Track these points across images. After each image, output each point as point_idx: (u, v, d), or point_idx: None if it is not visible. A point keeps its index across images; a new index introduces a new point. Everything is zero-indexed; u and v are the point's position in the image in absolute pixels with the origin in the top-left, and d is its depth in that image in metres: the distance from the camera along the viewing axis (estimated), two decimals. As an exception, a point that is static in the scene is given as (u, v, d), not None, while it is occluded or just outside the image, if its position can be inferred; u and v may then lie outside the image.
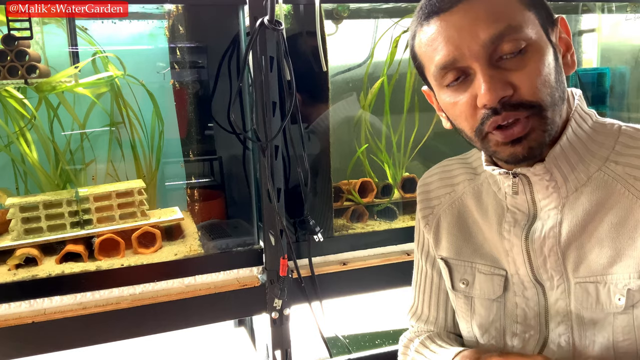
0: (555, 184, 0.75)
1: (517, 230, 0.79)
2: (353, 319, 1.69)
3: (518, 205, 0.80)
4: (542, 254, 0.77)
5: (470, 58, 0.69)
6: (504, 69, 0.68)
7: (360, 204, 1.54)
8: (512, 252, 0.80)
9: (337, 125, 1.48)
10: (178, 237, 1.39)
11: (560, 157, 0.74)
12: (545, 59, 0.70)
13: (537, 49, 0.69)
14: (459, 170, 0.91)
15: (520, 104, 0.68)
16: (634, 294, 0.70)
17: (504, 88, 0.67)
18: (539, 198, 0.77)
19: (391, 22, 1.50)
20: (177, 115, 1.50)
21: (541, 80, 0.69)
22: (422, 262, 0.96)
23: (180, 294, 1.22)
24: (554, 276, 0.77)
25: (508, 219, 0.81)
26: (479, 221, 0.86)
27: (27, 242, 1.24)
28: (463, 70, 0.71)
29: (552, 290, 0.77)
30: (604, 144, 0.75)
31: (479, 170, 0.89)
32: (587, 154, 0.75)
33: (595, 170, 0.74)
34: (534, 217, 0.78)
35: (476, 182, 0.88)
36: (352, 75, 1.60)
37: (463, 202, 0.88)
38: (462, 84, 0.71)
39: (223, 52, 1.37)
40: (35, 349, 1.14)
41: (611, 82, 1.76)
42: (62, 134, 1.42)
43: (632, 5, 1.70)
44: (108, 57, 1.41)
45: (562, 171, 0.74)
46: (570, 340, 0.76)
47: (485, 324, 0.84)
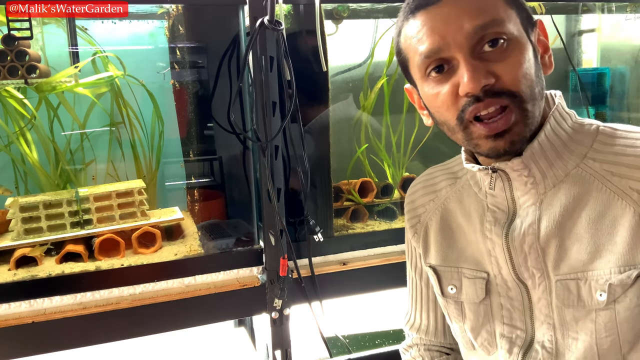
0: (534, 180, 0.76)
1: (498, 229, 0.80)
2: (353, 319, 1.69)
3: (498, 203, 0.81)
4: (522, 252, 0.77)
5: (454, 48, 0.70)
6: (486, 60, 0.70)
7: (360, 204, 1.54)
8: (494, 251, 0.80)
9: (336, 126, 1.48)
10: (178, 237, 1.39)
11: (538, 153, 0.74)
12: (526, 54, 0.71)
13: (518, 43, 0.71)
14: (441, 177, 0.92)
15: (502, 92, 0.70)
16: (615, 288, 0.71)
17: (487, 76, 0.69)
18: (518, 195, 0.78)
19: (391, 22, 1.50)
20: (177, 115, 1.50)
21: (522, 72, 0.70)
22: (412, 273, 0.98)
23: (180, 294, 1.22)
24: (535, 274, 0.77)
25: (489, 218, 0.81)
26: (462, 224, 0.86)
27: (27, 242, 1.25)
28: (447, 61, 0.72)
29: (534, 289, 0.78)
30: (582, 142, 0.76)
31: (459, 174, 0.90)
32: (565, 151, 0.75)
33: (573, 167, 0.75)
34: (513, 214, 0.79)
35: (457, 186, 0.89)
36: (352, 75, 1.60)
37: (446, 207, 0.89)
38: (445, 75, 0.73)
39: (223, 52, 1.37)
40: (35, 349, 1.14)
41: (611, 82, 1.76)
42: (62, 134, 1.42)
43: (632, 5, 1.70)
44: (108, 57, 1.41)
45: (540, 167, 0.75)
46: (553, 339, 0.77)
47: (476, 327, 0.84)
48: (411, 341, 1.00)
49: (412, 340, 1.00)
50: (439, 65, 0.73)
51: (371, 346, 1.54)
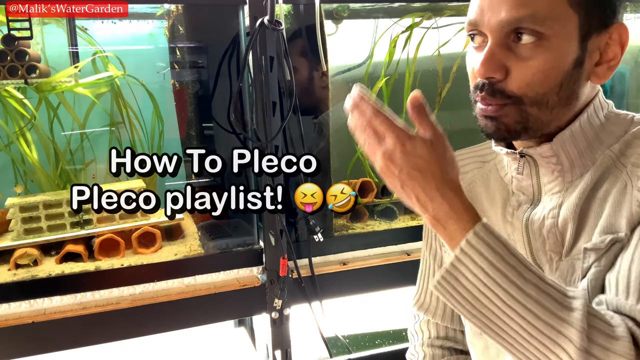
0: (562, 168, 0.75)
1: (520, 213, 0.80)
2: (353, 319, 1.69)
3: (523, 188, 0.80)
4: (540, 236, 0.77)
5: (487, 29, 0.70)
6: (510, 51, 0.69)
7: (360, 204, 1.54)
8: (513, 235, 0.80)
9: (336, 126, 1.48)
10: (178, 237, 1.39)
11: (568, 141, 0.74)
12: (555, 59, 0.69)
13: (550, 47, 0.68)
14: (468, 160, 0.93)
15: (500, 92, 0.70)
16: (589, 254, 0.70)
17: (497, 70, 0.69)
18: (544, 182, 0.77)
19: (391, 22, 1.50)
20: (177, 115, 1.50)
21: (538, 78, 0.69)
22: (427, 254, 0.98)
23: (180, 294, 1.22)
24: (553, 258, 0.77)
25: (512, 202, 0.81)
26: (486, 208, 0.86)
27: (27, 242, 1.24)
28: (481, 34, 0.73)
29: (551, 274, 0.77)
30: (613, 132, 0.75)
31: (487, 157, 0.90)
32: (596, 141, 0.74)
33: (600, 155, 0.74)
34: (538, 200, 0.79)
35: (484, 170, 0.89)
36: (352, 75, 1.60)
37: (472, 190, 0.89)
38: (479, 46, 0.73)
39: (223, 52, 1.37)
40: (35, 349, 1.14)
41: (611, 82, 1.76)
42: (62, 134, 1.42)
43: (632, 5, 1.70)
44: (108, 57, 1.41)
45: (570, 155, 0.74)
46: None
47: None
48: (419, 326, 1.00)
49: (420, 324, 1.00)
50: (475, 34, 0.74)
51: (371, 346, 1.54)
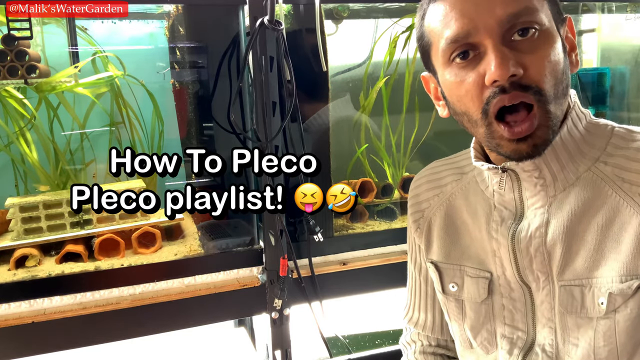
0: (544, 181, 0.74)
1: (504, 229, 0.79)
2: (353, 319, 1.69)
3: (505, 203, 0.79)
4: (528, 254, 0.76)
5: (484, 33, 0.67)
6: (515, 49, 0.67)
7: (360, 204, 1.54)
8: (499, 251, 0.80)
9: (334, 126, 1.48)
10: (178, 237, 1.39)
11: (551, 155, 0.73)
12: (556, 47, 0.69)
13: (548, 35, 0.68)
14: (446, 171, 0.90)
15: (529, 86, 0.67)
16: (615, 298, 0.69)
17: (515, 66, 0.66)
18: (527, 196, 0.76)
19: (391, 22, 1.50)
20: (177, 115, 1.50)
21: (550, 67, 0.68)
22: (412, 268, 0.97)
23: (180, 294, 1.22)
24: (539, 277, 0.76)
25: (495, 217, 0.80)
26: (467, 222, 0.85)
27: (27, 242, 1.24)
28: (474, 46, 0.69)
29: (538, 291, 0.77)
30: (595, 144, 0.74)
31: (466, 169, 0.88)
32: (578, 153, 0.74)
33: (585, 170, 0.73)
34: (521, 215, 0.78)
35: (463, 182, 0.87)
36: (352, 75, 1.60)
37: (451, 203, 0.87)
38: (469, 62, 0.70)
39: (223, 52, 1.37)
40: (35, 349, 1.14)
41: (611, 82, 1.76)
42: (62, 134, 1.42)
43: (632, 5, 1.70)
44: (108, 57, 1.41)
45: (552, 169, 0.74)
46: (553, 343, 0.76)
47: (476, 326, 0.84)
48: (410, 337, 0.99)
49: (410, 336, 0.99)
50: (465, 51, 0.69)
51: (371, 346, 1.54)
